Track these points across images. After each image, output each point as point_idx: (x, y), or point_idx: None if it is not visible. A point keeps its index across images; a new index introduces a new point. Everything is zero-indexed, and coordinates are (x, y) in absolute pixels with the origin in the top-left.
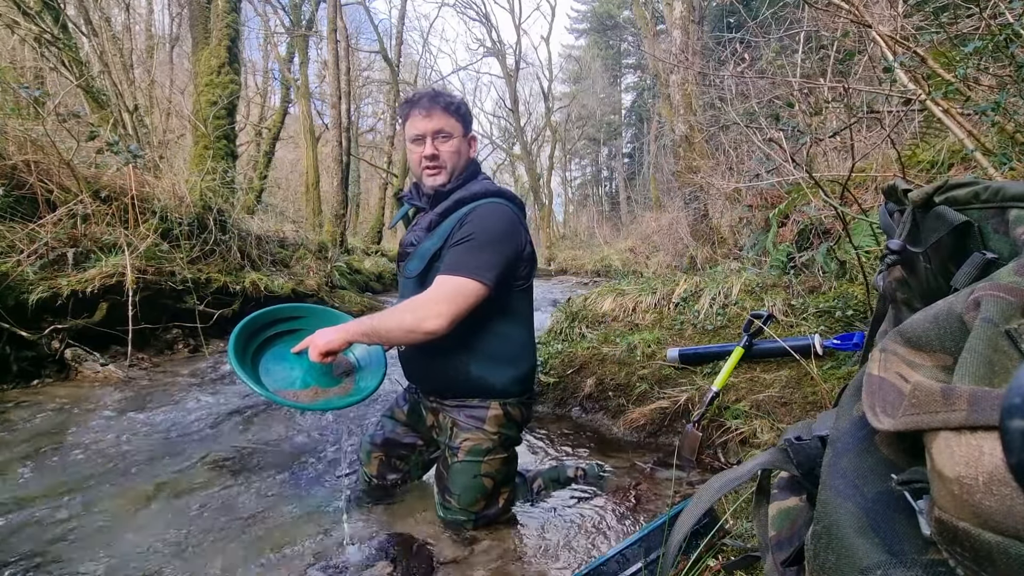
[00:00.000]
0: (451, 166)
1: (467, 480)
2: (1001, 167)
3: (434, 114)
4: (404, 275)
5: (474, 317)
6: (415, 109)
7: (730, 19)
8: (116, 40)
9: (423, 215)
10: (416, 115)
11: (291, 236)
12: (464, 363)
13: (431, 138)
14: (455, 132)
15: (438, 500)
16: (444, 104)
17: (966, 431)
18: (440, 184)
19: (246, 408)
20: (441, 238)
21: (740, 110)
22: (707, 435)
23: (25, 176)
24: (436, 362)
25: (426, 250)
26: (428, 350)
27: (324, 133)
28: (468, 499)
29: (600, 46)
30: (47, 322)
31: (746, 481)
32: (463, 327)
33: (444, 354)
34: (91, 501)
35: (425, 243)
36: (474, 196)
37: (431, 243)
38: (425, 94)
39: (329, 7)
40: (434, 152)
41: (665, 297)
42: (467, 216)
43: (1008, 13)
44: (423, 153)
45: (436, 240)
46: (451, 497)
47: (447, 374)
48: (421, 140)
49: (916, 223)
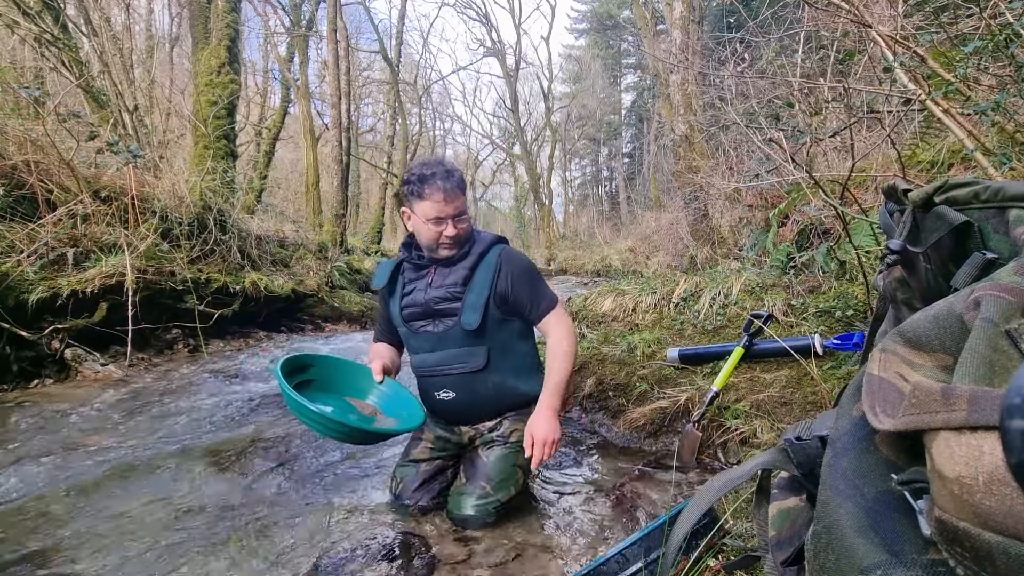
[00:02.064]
0: (464, 239)
1: (507, 467)
2: (1001, 167)
3: (454, 198)
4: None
5: (509, 343)
6: (433, 192)
7: (730, 19)
8: (116, 40)
9: (432, 272)
10: (435, 198)
11: (291, 236)
12: (511, 386)
13: (453, 220)
14: (466, 208)
15: (466, 491)
16: (459, 184)
17: (966, 431)
18: (454, 255)
19: (245, 408)
20: (485, 288)
21: (740, 110)
22: (707, 435)
23: (25, 176)
24: (487, 401)
25: (476, 303)
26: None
27: (324, 133)
28: (504, 485)
29: (600, 46)
30: (47, 322)
31: (746, 481)
32: (503, 356)
33: (495, 389)
34: (91, 501)
35: (470, 297)
36: (490, 244)
37: (477, 296)
38: (439, 172)
39: (329, 7)
40: (456, 233)
41: (665, 297)
42: (500, 263)
43: (1008, 13)
44: (446, 234)
45: (481, 291)
46: (487, 483)
47: (500, 402)
48: (442, 221)
49: (916, 223)
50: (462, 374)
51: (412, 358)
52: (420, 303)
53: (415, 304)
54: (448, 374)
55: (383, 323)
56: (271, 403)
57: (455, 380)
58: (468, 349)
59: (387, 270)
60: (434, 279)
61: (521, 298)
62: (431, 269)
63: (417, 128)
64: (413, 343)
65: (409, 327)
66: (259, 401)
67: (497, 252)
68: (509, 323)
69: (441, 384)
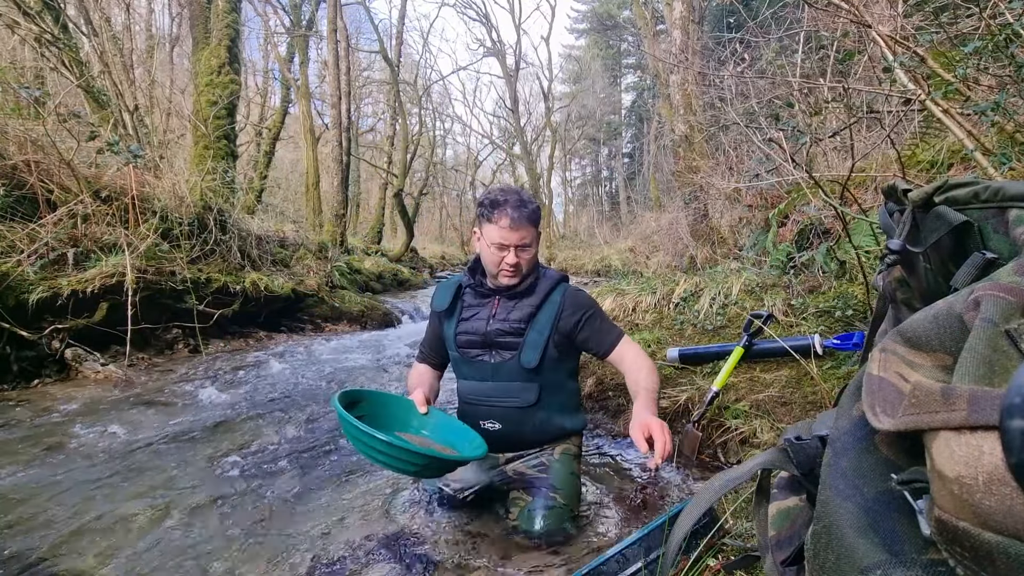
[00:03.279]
0: (526, 271)
1: (567, 473)
2: (1001, 167)
3: (522, 228)
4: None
5: (559, 381)
6: (501, 217)
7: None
8: (116, 40)
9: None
10: (503, 224)
11: (291, 236)
12: (557, 423)
13: (515, 248)
14: (534, 241)
15: (536, 506)
16: (530, 216)
17: (966, 431)
18: (514, 285)
19: (244, 408)
20: (547, 327)
21: (740, 110)
22: (707, 435)
23: (25, 176)
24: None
25: (537, 342)
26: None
27: (324, 133)
28: (571, 491)
29: (600, 46)
30: (47, 322)
31: (746, 481)
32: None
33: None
34: (91, 501)
35: (532, 335)
36: (555, 283)
37: (538, 335)
38: (512, 200)
39: (329, 7)
40: (517, 262)
41: (665, 297)
42: (564, 301)
43: (1008, 13)
44: (507, 261)
45: (543, 330)
46: (556, 492)
47: (542, 436)
48: (505, 248)
49: (916, 223)
50: (511, 408)
51: (460, 383)
52: (480, 332)
53: (474, 332)
54: (497, 406)
55: (432, 343)
56: (271, 403)
57: (503, 412)
58: (522, 385)
59: (448, 292)
60: (497, 311)
61: (587, 337)
62: (495, 300)
63: (417, 128)
64: (464, 370)
65: (462, 353)
66: (259, 401)
67: (561, 291)
68: (564, 362)
69: (488, 414)
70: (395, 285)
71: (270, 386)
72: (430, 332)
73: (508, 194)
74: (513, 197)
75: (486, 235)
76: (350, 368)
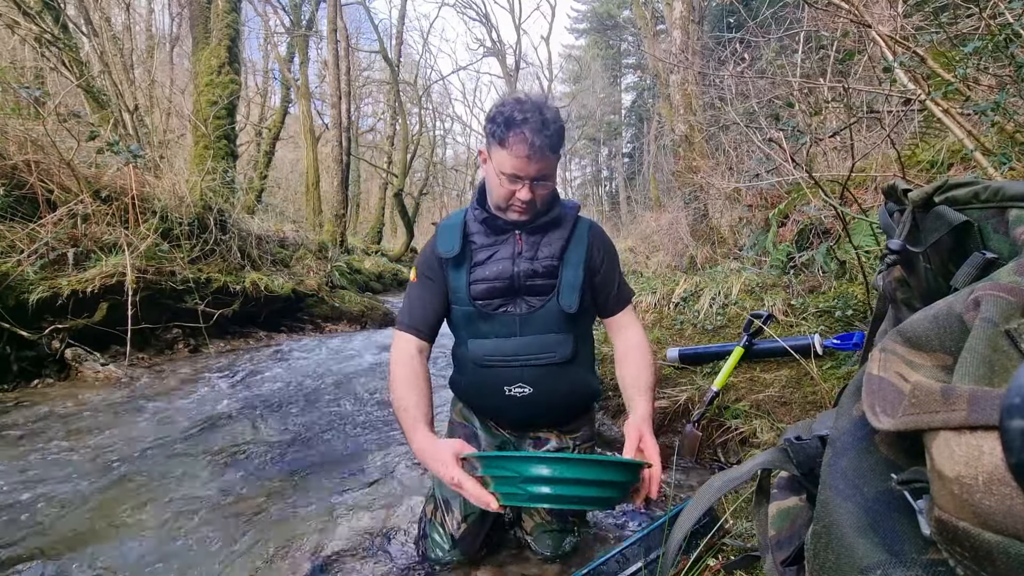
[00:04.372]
0: (542, 207)
1: None
2: (1001, 167)
3: (541, 157)
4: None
5: (588, 331)
6: (520, 144)
7: (730, 19)
8: (116, 40)
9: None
10: (519, 152)
11: (291, 236)
12: (586, 383)
13: (531, 184)
14: (553, 174)
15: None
16: (553, 143)
17: (966, 431)
18: (524, 221)
19: (244, 408)
20: (580, 265)
21: (740, 110)
22: (707, 435)
23: (25, 176)
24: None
25: (574, 282)
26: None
27: (324, 133)
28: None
29: (600, 46)
30: (47, 322)
31: (746, 481)
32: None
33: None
34: (91, 500)
35: (567, 274)
36: (575, 210)
37: (574, 274)
38: (532, 120)
39: (329, 7)
40: (531, 198)
41: (665, 297)
42: (591, 239)
43: (1008, 13)
44: (519, 196)
45: (577, 268)
46: (574, 516)
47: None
48: (518, 181)
49: (916, 223)
50: (545, 365)
51: (473, 344)
52: (505, 276)
53: (497, 277)
54: (528, 365)
55: (425, 305)
56: (271, 403)
57: (535, 373)
58: (557, 337)
59: (455, 234)
60: (523, 248)
61: (609, 282)
62: (516, 235)
63: (417, 128)
64: (482, 327)
65: (479, 307)
66: (259, 401)
67: (587, 225)
68: (590, 309)
69: (516, 377)
70: (395, 285)
71: (270, 386)
72: (420, 292)
73: (527, 111)
74: (534, 116)
75: (496, 161)
76: (350, 368)
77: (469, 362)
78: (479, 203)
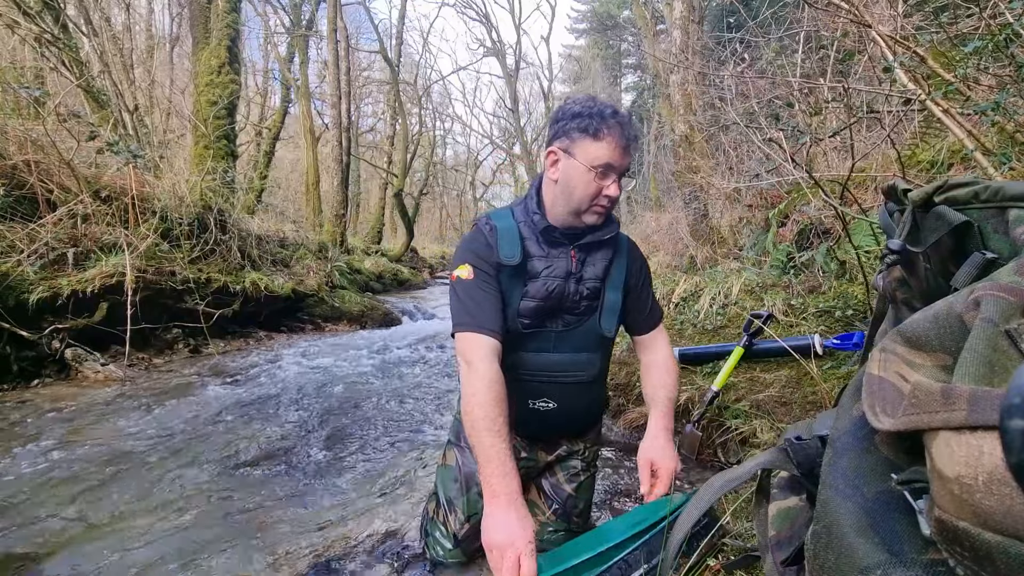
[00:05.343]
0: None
1: (590, 497)
2: (1001, 167)
3: (630, 151)
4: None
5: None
6: (613, 135)
7: (730, 19)
8: (116, 40)
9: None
10: (613, 143)
11: (291, 236)
12: (601, 397)
13: (619, 180)
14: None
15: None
16: (636, 139)
17: (966, 431)
18: (597, 225)
19: (244, 408)
20: (620, 285)
21: (740, 110)
22: (707, 435)
23: (25, 176)
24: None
25: (615, 305)
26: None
27: (324, 133)
28: (587, 517)
29: (600, 46)
30: (47, 322)
31: (746, 481)
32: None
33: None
34: (90, 500)
35: (610, 296)
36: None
37: (615, 295)
38: (620, 115)
39: (329, 7)
40: (618, 194)
41: (665, 297)
42: (630, 259)
43: (1008, 13)
44: (607, 192)
45: (617, 289)
46: (578, 518)
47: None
48: (608, 174)
49: (916, 223)
50: (573, 383)
51: (511, 357)
52: (556, 295)
53: (548, 296)
54: (556, 381)
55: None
56: (271, 403)
57: (561, 389)
58: (590, 356)
59: (515, 239)
60: (576, 266)
61: (643, 301)
62: (571, 251)
63: (417, 128)
64: (515, 340)
65: (522, 323)
66: (259, 401)
67: (626, 242)
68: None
69: (542, 392)
70: (395, 285)
71: (270, 386)
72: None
73: (605, 105)
74: (611, 110)
75: (582, 155)
76: (351, 368)
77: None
78: (528, 211)
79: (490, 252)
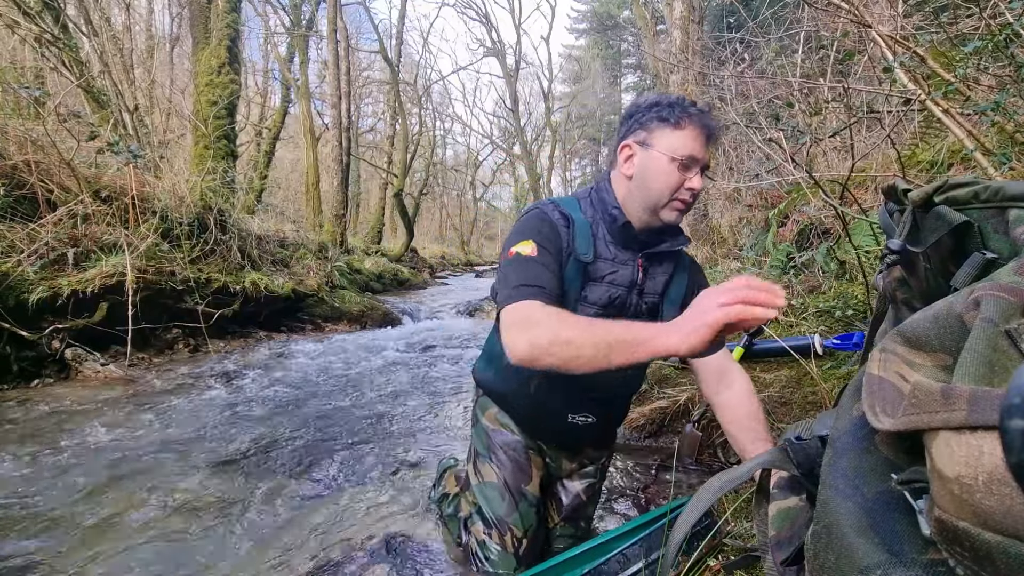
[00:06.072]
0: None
1: (597, 502)
2: (1001, 167)
3: (711, 144)
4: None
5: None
6: (694, 125)
7: (730, 19)
8: (116, 40)
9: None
10: (694, 133)
11: (291, 236)
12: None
13: (701, 170)
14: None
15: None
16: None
17: (966, 431)
18: (674, 225)
19: (244, 408)
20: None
21: (740, 110)
22: (707, 435)
23: (25, 176)
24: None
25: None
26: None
27: (324, 133)
28: (592, 521)
29: (600, 46)
30: (47, 322)
31: (746, 481)
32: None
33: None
34: (90, 501)
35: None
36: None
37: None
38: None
39: (329, 7)
40: (700, 188)
41: None
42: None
43: (1008, 13)
44: (690, 184)
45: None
46: (586, 523)
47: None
48: (691, 167)
49: (916, 223)
50: (615, 397)
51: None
52: (617, 304)
53: (608, 305)
54: (601, 397)
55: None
56: (271, 403)
57: (604, 404)
58: (637, 372)
59: (588, 234)
60: (639, 277)
61: None
62: (638, 260)
63: (417, 128)
64: None
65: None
66: (258, 401)
67: (688, 260)
68: None
69: (584, 406)
70: (395, 285)
71: (270, 386)
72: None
73: (682, 97)
74: (689, 101)
75: (663, 145)
76: (351, 368)
77: (532, 380)
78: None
79: (558, 237)
